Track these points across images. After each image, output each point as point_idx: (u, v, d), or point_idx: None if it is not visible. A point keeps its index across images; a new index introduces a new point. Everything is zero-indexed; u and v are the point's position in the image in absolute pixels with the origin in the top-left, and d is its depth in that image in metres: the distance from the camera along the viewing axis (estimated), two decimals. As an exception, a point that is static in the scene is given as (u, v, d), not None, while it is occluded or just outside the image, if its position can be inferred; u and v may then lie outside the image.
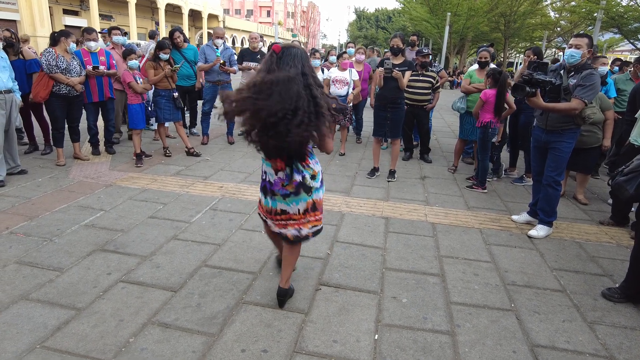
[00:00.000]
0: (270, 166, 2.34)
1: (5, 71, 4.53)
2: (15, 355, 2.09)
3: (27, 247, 3.19)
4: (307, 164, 2.33)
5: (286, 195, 2.34)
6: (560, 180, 3.83)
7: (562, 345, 2.38)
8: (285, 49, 2.18)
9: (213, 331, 2.34)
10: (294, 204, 2.36)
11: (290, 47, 2.21)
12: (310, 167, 2.34)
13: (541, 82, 3.52)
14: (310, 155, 2.36)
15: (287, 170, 2.29)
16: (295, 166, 2.30)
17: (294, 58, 2.13)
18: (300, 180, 2.31)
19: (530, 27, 28.99)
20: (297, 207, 2.37)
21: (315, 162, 2.39)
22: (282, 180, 2.32)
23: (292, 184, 2.31)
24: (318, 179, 2.39)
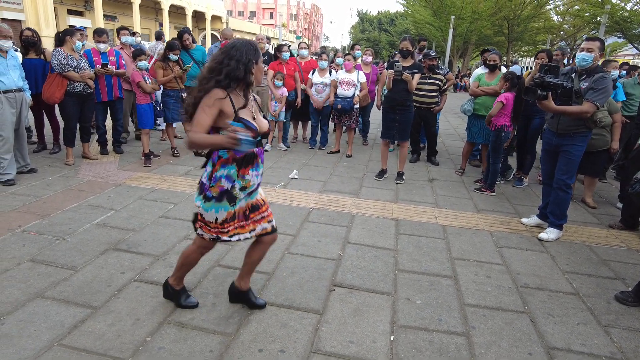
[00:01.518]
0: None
1: (16, 70, 4.55)
2: (34, 353, 2.09)
3: (40, 245, 3.19)
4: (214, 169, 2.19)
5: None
6: (571, 183, 3.83)
7: (578, 348, 2.38)
8: (228, 44, 2.18)
9: (229, 331, 2.35)
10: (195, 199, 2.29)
11: (233, 41, 2.17)
12: (206, 173, 2.21)
13: (552, 85, 3.53)
14: (209, 161, 2.20)
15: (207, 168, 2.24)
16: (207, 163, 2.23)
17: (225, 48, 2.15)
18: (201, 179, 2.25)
19: (534, 31, 29.02)
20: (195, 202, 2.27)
21: (205, 170, 2.22)
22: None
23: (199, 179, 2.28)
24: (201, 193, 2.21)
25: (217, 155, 2.16)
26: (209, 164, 2.21)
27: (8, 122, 4.44)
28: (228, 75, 2.07)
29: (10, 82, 4.44)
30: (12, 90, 4.46)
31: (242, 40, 2.16)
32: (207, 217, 2.23)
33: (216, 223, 2.23)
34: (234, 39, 2.19)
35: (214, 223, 2.24)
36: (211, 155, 2.20)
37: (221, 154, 2.15)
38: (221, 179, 2.16)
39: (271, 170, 5.53)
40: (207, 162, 2.22)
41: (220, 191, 2.17)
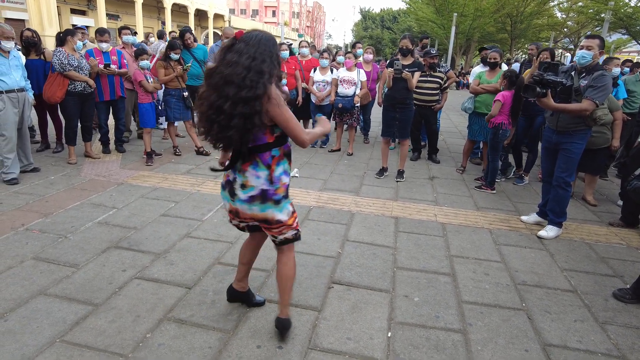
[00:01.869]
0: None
1: (18, 70, 4.60)
2: (36, 349, 2.13)
3: (43, 243, 3.24)
4: (243, 168, 2.04)
5: (222, 184, 2.19)
6: (571, 181, 3.84)
7: (574, 345, 2.40)
8: (245, 33, 1.97)
9: (228, 327, 2.38)
10: (222, 197, 2.20)
11: (251, 31, 1.99)
12: (244, 174, 2.05)
13: (552, 82, 3.53)
14: (253, 165, 2.03)
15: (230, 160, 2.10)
16: (234, 163, 2.07)
17: (248, 41, 1.92)
18: (230, 180, 2.11)
19: (537, 27, 28.88)
20: (224, 201, 2.19)
21: (256, 176, 2.03)
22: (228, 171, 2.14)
23: (225, 176, 2.15)
24: (247, 193, 2.05)
25: (271, 155, 2.04)
26: (258, 168, 2.03)
27: (11, 121, 4.48)
28: (270, 73, 1.93)
29: (13, 82, 4.48)
30: (15, 90, 4.51)
31: (264, 34, 1.98)
32: (284, 217, 2.11)
33: (291, 216, 2.17)
34: (254, 31, 1.98)
35: (291, 217, 2.17)
36: (252, 158, 2.03)
37: (274, 153, 2.05)
38: (281, 177, 2.09)
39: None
40: (252, 168, 2.03)
41: (285, 189, 2.12)
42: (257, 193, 2.04)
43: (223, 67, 1.90)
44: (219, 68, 1.92)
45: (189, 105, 5.87)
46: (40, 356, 2.09)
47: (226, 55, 1.93)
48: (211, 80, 1.94)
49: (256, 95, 1.86)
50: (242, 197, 2.06)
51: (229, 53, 1.92)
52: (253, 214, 2.08)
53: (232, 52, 1.92)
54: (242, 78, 1.85)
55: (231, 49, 1.93)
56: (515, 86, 4.72)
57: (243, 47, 1.91)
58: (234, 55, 1.90)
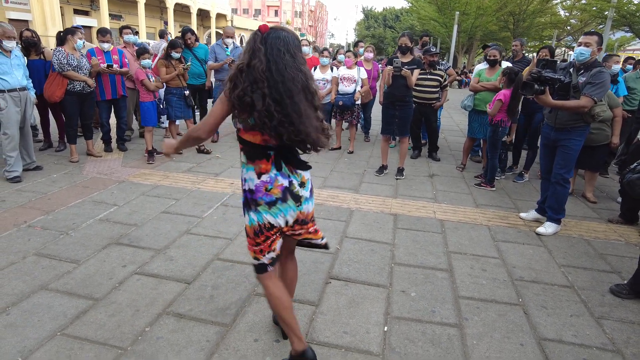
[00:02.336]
0: (250, 169, 1.90)
1: (20, 69, 4.64)
2: (37, 342, 2.17)
3: (44, 239, 3.28)
4: (288, 168, 1.92)
5: (271, 204, 1.89)
6: (569, 177, 3.85)
7: (570, 339, 2.41)
8: (272, 30, 1.79)
9: (226, 321, 2.41)
10: (282, 215, 1.92)
11: (278, 29, 1.82)
12: (298, 173, 1.94)
13: (550, 79, 3.54)
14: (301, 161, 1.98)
15: (272, 172, 1.88)
16: (281, 169, 1.90)
17: (283, 42, 1.75)
18: (286, 186, 1.90)
19: (540, 26, 28.76)
20: (285, 218, 1.93)
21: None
22: (266, 184, 1.87)
23: (276, 188, 1.88)
24: (307, 189, 1.99)
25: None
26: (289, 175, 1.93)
27: (13, 120, 4.53)
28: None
29: (15, 81, 4.52)
30: (17, 89, 4.55)
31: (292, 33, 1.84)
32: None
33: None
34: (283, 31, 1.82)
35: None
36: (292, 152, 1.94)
37: None
38: None
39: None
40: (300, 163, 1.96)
41: None
42: (312, 185, 2.05)
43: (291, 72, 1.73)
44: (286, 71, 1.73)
45: (190, 104, 5.91)
46: (42, 349, 2.13)
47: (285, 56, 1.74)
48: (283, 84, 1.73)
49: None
50: (306, 194, 1.98)
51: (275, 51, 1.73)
52: (310, 211, 2.02)
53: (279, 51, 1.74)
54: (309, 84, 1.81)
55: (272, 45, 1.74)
56: (514, 84, 4.73)
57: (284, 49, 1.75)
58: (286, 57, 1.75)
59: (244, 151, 1.91)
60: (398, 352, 2.23)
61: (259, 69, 1.72)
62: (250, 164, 1.89)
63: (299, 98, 1.76)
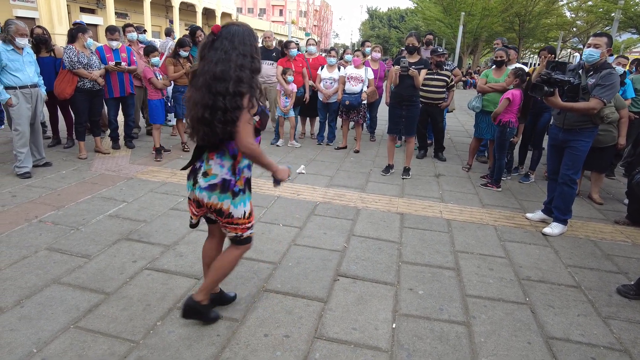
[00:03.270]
0: None
1: (32, 66, 4.69)
2: (52, 334, 2.21)
3: (56, 235, 3.32)
4: (209, 157, 2.06)
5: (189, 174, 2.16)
6: (577, 178, 3.85)
7: (577, 338, 2.43)
8: (223, 28, 1.96)
9: (237, 316, 2.44)
10: (188, 188, 2.16)
11: (229, 25, 1.97)
12: (209, 163, 2.06)
13: (559, 81, 3.54)
14: (219, 154, 2.05)
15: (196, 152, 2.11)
16: (201, 151, 2.08)
17: (231, 38, 1.91)
18: (195, 167, 2.11)
19: (546, 27, 28.70)
20: (188, 191, 2.16)
21: (220, 165, 2.05)
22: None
23: (191, 165, 2.14)
24: (208, 181, 2.05)
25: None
26: (224, 158, 2.04)
27: (24, 117, 4.58)
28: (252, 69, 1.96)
29: (26, 78, 4.57)
30: (28, 86, 4.60)
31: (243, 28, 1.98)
32: (237, 214, 2.10)
33: (244, 218, 2.14)
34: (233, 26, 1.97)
35: (243, 218, 2.13)
36: (220, 147, 2.03)
37: None
38: (244, 169, 2.11)
39: (279, 165, 5.61)
40: (218, 157, 2.04)
41: (244, 182, 2.12)
42: (217, 182, 2.05)
43: (212, 66, 1.89)
44: (205, 67, 1.91)
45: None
46: (56, 341, 2.16)
47: (210, 53, 1.92)
48: (198, 80, 1.93)
49: (241, 92, 1.89)
50: (203, 184, 2.05)
51: (212, 51, 1.92)
52: (211, 202, 2.07)
53: (215, 49, 1.91)
54: (237, 76, 1.88)
55: (214, 46, 1.92)
56: (524, 84, 4.74)
57: (228, 45, 1.90)
58: (219, 53, 1.89)
59: None
60: (406, 349, 2.26)
61: None
62: None
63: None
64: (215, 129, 1.90)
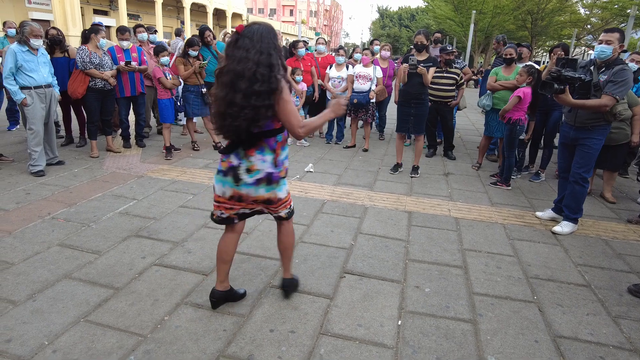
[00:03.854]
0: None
1: (46, 67, 4.78)
2: (62, 327, 2.25)
3: (67, 231, 3.38)
4: (249, 154, 2.15)
5: (218, 172, 2.24)
6: (588, 177, 3.79)
7: (585, 337, 2.40)
8: (246, 28, 2.06)
9: (243, 312, 2.46)
10: (220, 185, 2.24)
11: (251, 25, 2.07)
12: (250, 160, 2.15)
13: (570, 78, 3.48)
14: (260, 150, 2.15)
15: (229, 148, 2.19)
16: (236, 150, 2.17)
17: (252, 37, 2.01)
18: (234, 165, 2.17)
19: (559, 24, 28.22)
20: (222, 189, 2.23)
21: (262, 160, 2.16)
22: (222, 156, 2.23)
23: (226, 163, 2.19)
24: (253, 176, 2.16)
25: (276, 140, 2.17)
26: (264, 153, 2.15)
27: (38, 116, 4.67)
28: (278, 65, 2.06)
29: (41, 78, 4.66)
30: (42, 86, 4.69)
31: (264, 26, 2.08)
32: (283, 195, 2.32)
33: (288, 194, 2.39)
34: (255, 25, 2.07)
35: (287, 194, 2.38)
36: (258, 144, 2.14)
37: (279, 138, 2.19)
38: (284, 161, 2.28)
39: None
40: (258, 153, 2.14)
41: (286, 172, 2.33)
42: (263, 176, 2.18)
43: (234, 64, 1.99)
44: (228, 65, 2.01)
45: (207, 102, 6.00)
46: (66, 334, 2.21)
47: (233, 51, 2.02)
48: (223, 78, 2.03)
49: (270, 89, 1.99)
50: (249, 181, 2.17)
51: (235, 49, 2.01)
52: (258, 195, 2.22)
53: (238, 48, 2.01)
54: (253, 72, 1.95)
55: (237, 45, 2.02)
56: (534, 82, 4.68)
57: (248, 43, 1.99)
58: (241, 51, 1.99)
59: None
60: (412, 346, 2.26)
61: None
62: None
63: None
64: (241, 123, 2.01)
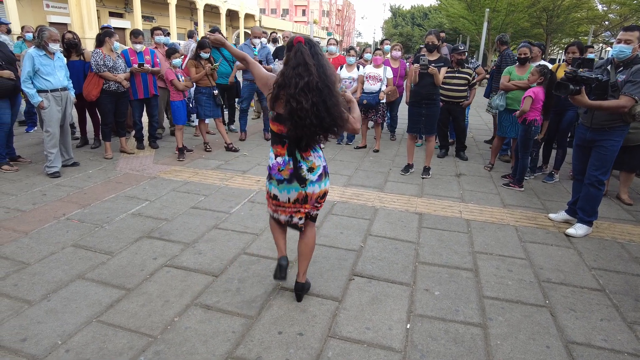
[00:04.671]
0: (272, 151, 2.42)
1: (62, 70, 4.88)
2: (75, 327, 2.30)
3: (81, 232, 3.45)
4: (306, 155, 2.33)
5: (280, 181, 2.38)
6: (605, 180, 3.69)
7: (599, 344, 2.35)
8: (309, 40, 2.25)
9: (252, 314, 2.48)
10: (285, 192, 2.40)
11: (312, 40, 2.28)
12: (309, 160, 2.34)
13: (585, 79, 3.40)
14: (314, 150, 2.36)
15: (285, 156, 2.33)
16: (294, 155, 2.32)
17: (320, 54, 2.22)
18: (296, 168, 2.33)
19: (575, 21, 27.66)
20: (288, 195, 2.40)
21: (318, 156, 2.38)
22: (279, 165, 2.35)
23: (286, 170, 2.34)
24: (316, 174, 2.36)
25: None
26: (317, 150, 2.38)
27: (54, 119, 4.77)
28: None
29: (57, 82, 4.76)
30: (59, 89, 4.79)
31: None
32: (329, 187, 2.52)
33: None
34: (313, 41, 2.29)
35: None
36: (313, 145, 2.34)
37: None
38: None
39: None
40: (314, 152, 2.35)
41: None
42: (322, 171, 2.41)
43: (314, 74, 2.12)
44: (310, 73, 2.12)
45: (218, 103, 6.05)
46: (79, 334, 2.25)
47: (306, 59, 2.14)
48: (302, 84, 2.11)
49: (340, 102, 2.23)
50: (313, 178, 2.37)
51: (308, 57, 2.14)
52: (321, 190, 2.43)
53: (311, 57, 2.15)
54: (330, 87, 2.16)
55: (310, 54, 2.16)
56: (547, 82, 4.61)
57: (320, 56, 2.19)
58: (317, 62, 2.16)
59: (271, 135, 2.43)
60: (420, 350, 2.24)
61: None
62: (271, 146, 2.43)
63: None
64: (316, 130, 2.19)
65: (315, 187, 2.38)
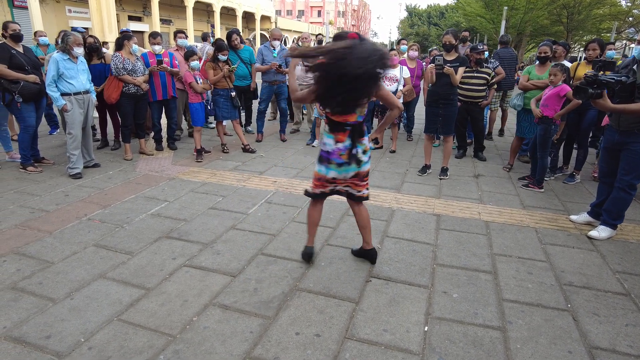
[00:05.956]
0: (332, 138, 2.71)
1: (85, 73, 5.00)
2: (97, 325, 2.35)
3: (102, 232, 3.52)
4: (361, 140, 2.72)
5: (339, 165, 2.72)
6: (636, 183, 3.57)
7: (625, 350, 2.29)
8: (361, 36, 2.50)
9: (269, 314, 2.49)
10: (344, 173, 2.77)
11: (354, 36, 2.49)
12: (362, 143, 2.73)
13: (606, 82, 3.29)
14: (365, 134, 2.75)
15: (346, 142, 2.68)
16: (354, 140, 2.69)
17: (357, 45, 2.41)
18: (354, 153, 2.70)
19: (597, 18, 26.95)
20: (345, 174, 2.78)
21: (366, 141, 2.78)
22: (339, 150, 2.69)
23: (346, 155, 2.70)
24: (367, 154, 2.79)
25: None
26: (365, 134, 2.76)
27: (77, 121, 4.89)
28: None
29: (80, 85, 4.88)
30: (81, 92, 4.91)
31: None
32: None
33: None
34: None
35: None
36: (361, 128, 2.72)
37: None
38: None
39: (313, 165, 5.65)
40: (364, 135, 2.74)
41: None
42: (370, 153, 2.83)
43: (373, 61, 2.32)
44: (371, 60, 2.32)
45: (236, 105, 6.10)
46: (101, 332, 2.30)
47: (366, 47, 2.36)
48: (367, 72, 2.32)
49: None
50: (366, 159, 2.78)
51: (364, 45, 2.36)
52: (368, 168, 2.85)
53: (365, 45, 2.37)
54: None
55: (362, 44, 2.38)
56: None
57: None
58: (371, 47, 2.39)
59: (328, 124, 2.75)
60: (438, 352, 2.22)
61: None
62: (330, 133, 2.73)
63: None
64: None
65: (367, 165, 2.81)
